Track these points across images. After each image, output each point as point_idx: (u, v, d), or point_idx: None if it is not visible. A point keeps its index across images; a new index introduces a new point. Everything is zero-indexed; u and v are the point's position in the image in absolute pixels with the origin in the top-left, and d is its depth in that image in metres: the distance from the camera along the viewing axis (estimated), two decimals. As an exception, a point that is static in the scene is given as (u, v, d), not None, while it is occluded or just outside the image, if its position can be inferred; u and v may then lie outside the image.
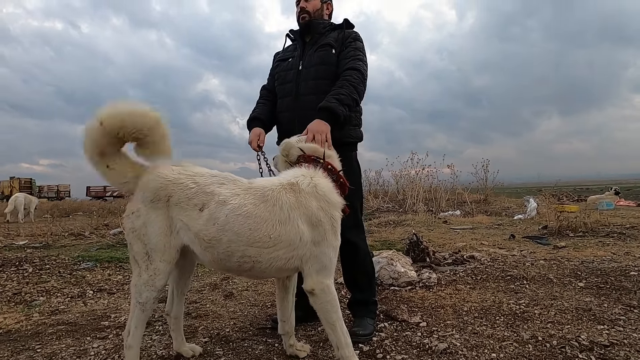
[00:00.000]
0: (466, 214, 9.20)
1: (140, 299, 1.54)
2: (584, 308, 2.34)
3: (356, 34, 2.19)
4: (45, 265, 4.32)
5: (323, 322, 1.65)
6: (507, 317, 2.27)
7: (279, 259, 1.54)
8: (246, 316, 2.48)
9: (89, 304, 2.90)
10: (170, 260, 1.56)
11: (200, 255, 1.56)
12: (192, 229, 1.51)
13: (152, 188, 1.54)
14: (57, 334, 2.24)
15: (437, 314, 2.39)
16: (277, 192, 1.57)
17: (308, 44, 2.23)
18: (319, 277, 1.59)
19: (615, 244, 4.51)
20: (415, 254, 3.81)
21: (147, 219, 1.52)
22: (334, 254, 1.64)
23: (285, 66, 2.26)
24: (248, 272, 1.60)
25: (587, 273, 3.15)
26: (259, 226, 1.50)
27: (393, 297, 2.79)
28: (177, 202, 1.52)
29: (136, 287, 1.55)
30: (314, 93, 2.09)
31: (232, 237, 1.49)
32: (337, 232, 1.65)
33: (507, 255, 4.06)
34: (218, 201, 1.51)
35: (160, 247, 1.52)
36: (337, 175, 1.73)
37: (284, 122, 2.21)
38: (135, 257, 1.56)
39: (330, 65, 2.12)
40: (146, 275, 1.53)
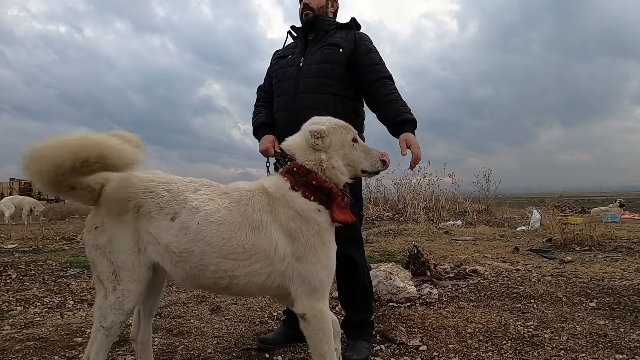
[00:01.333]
0: (468, 224, 9.00)
1: (105, 323, 1.37)
2: (599, 333, 2.15)
3: (367, 36, 2.08)
4: (30, 271, 4.17)
5: (312, 351, 1.46)
6: (514, 341, 2.09)
7: (257, 274, 1.38)
8: (232, 334, 2.30)
9: (66, 316, 2.72)
10: (141, 280, 1.39)
11: (171, 272, 1.40)
12: (162, 241, 1.36)
13: (119, 199, 1.38)
14: (24, 351, 2.06)
15: (439, 335, 2.20)
16: (252, 193, 1.45)
17: (311, 41, 2.08)
18: (311, 301, 1.41)
19: (625, 260, 4.31)
20: (415, 267, 3.62)
21: (113, 234, 1.36)
22: (326, 273, 1.44)
23: (284, 63, 2.10)
24: (227, 290, 1.43)
25: (597, 292, 2.96)
26: (233, 234, 1.36)
27: (391, 314, 2.61)
28: (147, 212, 1.38)
29: (101, 309, 1.38)
30: (313, 91, 1.95)
31: (204, 247, 1.34)
32: (328, 246, 1.46)
33: (512, 270, 3.86)
34: (190, 208, 1.37)
35: (129, 265, 1.36)
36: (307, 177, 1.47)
37: (280, 121, 2.03)
38: (100, 277, 1.38)
39: (334, 64, 1.97)
40: (113, 297, 1.36)
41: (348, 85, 2.01)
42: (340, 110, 1.94)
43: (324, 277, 1.44)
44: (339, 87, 1.97)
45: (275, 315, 2.63)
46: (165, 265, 1.39)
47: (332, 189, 1.47)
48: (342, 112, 1.94)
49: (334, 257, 1.49)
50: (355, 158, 1.54)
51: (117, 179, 1.42)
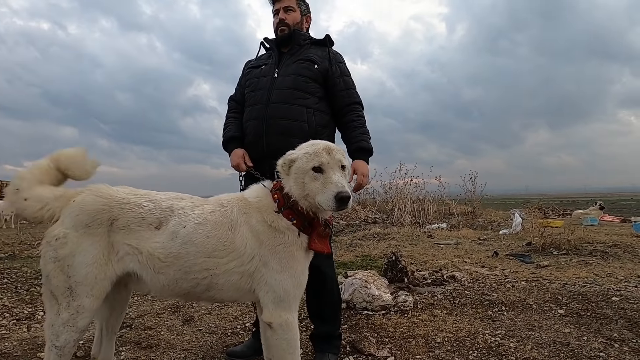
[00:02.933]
0: (452, 227, 9.11)
1: (58, 342, 1.35)
2: (562, 342, 2.19)
3: (341, 55, 2.15)
4: (3, 279, 4.06)
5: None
6: (481, 351, 2.11)
7: (232, 272, 1.43)
8: (201, 346, 2.27)
9: (33, 328, 2.65)
10: (100, 295, 1.38)
11: (150, 281, 1.41)
12: (144, 250, 1.38)
13: (90, 210, 1.38)
14: (-16, 367, 2.01)
15: (408, 345, 2.22)
16: (233, 200, 1.54)
17: (286, 54, 2.09)
18: (277, 310, 1.43)
19: (598, 264, 4.43)
20: (393, 274, 3.64)
21: (76, 247, 1.34)
22: (292, 284, 1.45)
23: (257, 73, 2.11)
24: (206, 293, 1.46)
25: (568, 298, 3.02)
26: (216, 232, 1.42)
27: (364, 323, 2.62)
28: (126, 225, 1.39)
29: (52, 327, 1.35)
30: (286, 102, 1.96)
31: (191, 249, 1.39)
32: (296, 260, 1.46)
33: (489, 275, 3.92)
34: (179, 214, 1.43)
35: (90, 280, 1.35)
36: (294, 202, 1.47)
37: (251, 130, 2.02)
38: (54, 292, 1.36)
39: (308, 79, 2.00)
40: (66, 313, 1.34)
41: (320, 100, 2.05)
42: (313, 122, 1.97)
43: (290, 288, 1.45)
44: (312, 100, 2.01)
45: (248, 325, 2.61)
46: (144, 274, 1.40)
47: (313, 219, 1.49)
48: (314, 125, 1.97)
49: (304, 272, 1.51)
50: (312, 189, 1.42)
51: (90, 191, 1.43)
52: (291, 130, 1.89)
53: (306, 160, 1.44)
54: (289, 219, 1.46)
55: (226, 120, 2.17)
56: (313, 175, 1.42)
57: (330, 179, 1.39)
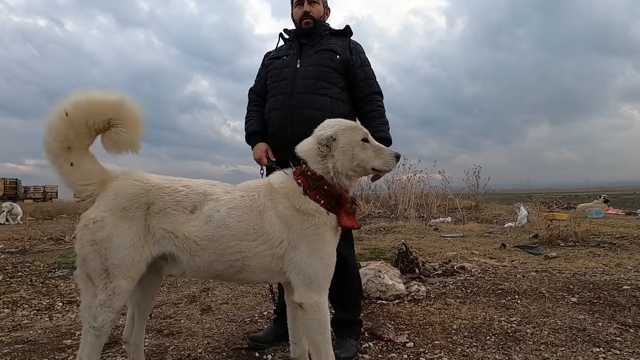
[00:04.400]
0: (457, 221, 9.13)
1: (95, 323, 1.38)
2: (578, 327, 2.23)
3: (361, 46, 2.18)
4: (17, 272, 4.11)
5: (308, 341, 1.54)
6: (498, 336, 2.15)
7: (263, 255, 1.48)
8: (222, 334, 2.32)
9: (55, 318, 2.70)
10: (135, 277, 1.42)
11: (186, 262, 1.46)
12: (180, 234, 1.42)
13: (130, 194, 1.42)
14: (13, 354, 2.05)
15: (425, 332, 2.26)
16: (260, 186, 1.59)
17: (307, 44, 2.13)
18: (308, 292, 1.48)
19: (606, 255, 4.45)
20: (404, 264, 3.68)
21: (113, 230, 1.37)
22: (321, 266, 1.50)
23: (279, 64, 2.14)
24: (239, 274, 1.51)
25: (579, 287, 3.06)
26: (247, 216, 1.47)
27: (380, 312, 2.66)
28: (162, 209, 1.43)
29: (90, 309, 1.38)
30: (310, 92, 2.00)
31: (225, 232, 1.44)
32: (325, 242, 1.51)
33: (498, 266, 3.96)
34: (212, 199, 1.48)
35: (127, 262, 1.38)
36: (320, 182, 1.53)
37: (275, 121, 2.06)
38: (90, 275, 1.39)
39: (331, 69, 2.05)
40: (103, 295, 1.37)
41: (342, 89, 2.10)
42: (336, 112, 2.01)
43: (320, 270, 1.49)
44: (334, 89, 2.05)
45: (266, 314, 2.66)
46: (181, 256, 1.44)
47: (341, 195, 1.54)
48: (337, 114, 2.01)
49: (333, 254, 1.55)
50: (364, 158, 1.55)
51: (128, 175, 1.47)
52: (315, 119, 1.92)
53: (352, 134, 1.56)
54: (316, 200, 1.51)
55: (248, 114, 2.20)
56: (363, 146, 1.56)
57: (379, 145, 1.61)
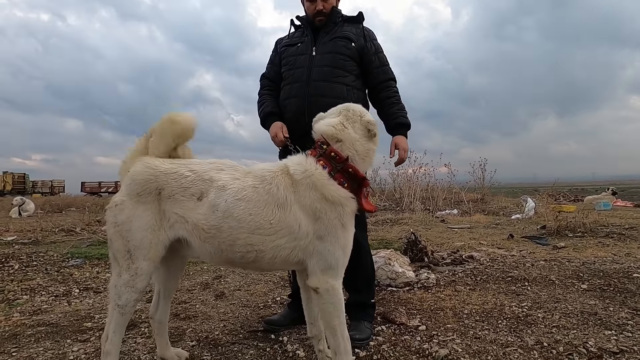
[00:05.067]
0: (463, 213, 9.13)
1: (120, 302, 1.44)
2: (589, 312, 2.25)
3: (373, 32, 2.18)
4: (32, 262, 4.19)
5: (323, 324, 1.56)
6: (509, 320, 2.18)
7: (282, 248, 1.45)
8: (237, 318, 2.37)
9: (73, 303, 2.77)
10: (155, 259, 1.46)
11: (198, 248, 1.46)
12: (190, 220, 1.43)
13: (141, 180, 1.45)
14: (37, 335, 2.12)
15: (437, 316, 2.29)
16: (275, 172, 1.51)
17: (321, 32, 2.12)
18: (325, 277, 1.49)
19: (616, 245, 4.44)
20: (414, 253, 3.71)
21: (131, 213, 1.43)
22: (342, 253, 1.52)
23: (294, 51, 2.14)
24: (253, 264, 1.50)
25: (589, 275, 3.07)
26: (259, 210, 1.42)
27: (391, 298, 2.69)
28: (171, 195, 1.44)
29: (115, 288, 1.45)
30: (327, 80, 2.01)
31: (233, 224, 1.41)
32: (347, 228, 1.52)
33: (507, 256, 3.97)
34: (218, 187, 1.44)
35: (146, 244, 1.42)
36: (344, 164, 1.51)
37: (292, 108, 2.07)
38: (116, 255, 1.46)
39: (347, 57, 2.06)
40: (127, 275, 1.43)
41: (357, 77, 2.11)
42: (352, 99, 2.03)
43: (340, 256, 1.51)
44: (350, 77, 2.07)
45: (279, 300, 2.71)
46: (193, 242, 1.45)
47: (364, 178, 1.55)
48: (353, 102, 2.02)
49: (351, 240, 1.57)
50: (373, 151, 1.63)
51: (141, 162, 1.51)
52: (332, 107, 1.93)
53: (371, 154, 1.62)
54: (341, 184, 1.49)
55: (261, 98, 2.20)
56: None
57: None
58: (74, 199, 17.89)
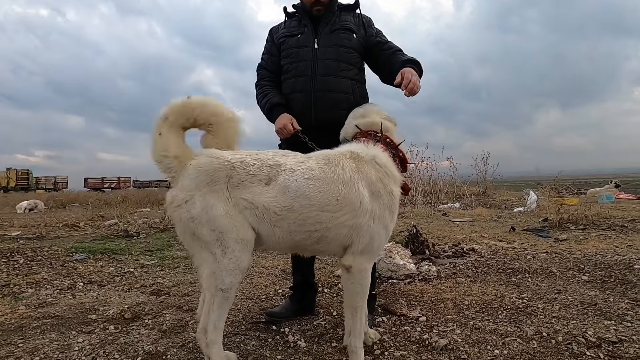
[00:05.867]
0: (465, 206, 9.13)
1: (224, 285, 1.43)
2: (589, 302, 2.26)
3: (370, 17, 2.16)
4: (37, 256, 4.23)
5: (346, 304, 1.60)
6: (509, 311, 2.19)
7: (343, 226, 1.49)
8: (239, 310, 2.40)
9: (77, 296, 2.80)
10: (247, 238, 1.45)
11: (266, 234, 1.47)
12: (260, 204, 1.44)
13: (209, 170, 1.46)
14: (42, 327, 2.15)
15: (437, 308, 2.31)
16: (339, 156, 1.57)
17: (321, 22, 2.06)
18: (362, 258, 1.54)
19: (617, 237, 4.43)
20: (415, 246, 3.72)
21: (205, 203, 1.42)
22: (386, 236, 1.57)
23: (295, 42, 2.06)
24: (315, 245, 1.53)
25: (590, 266, 3.07)
26: (327, 187, 1.47)
27: (392, 290, 2.71)
28: (240, 182, 1.45)
29: (215, 274, 1.42)
30: (333, 74, 1.98)
31: (304, 202, 1.45)
32: (395, 212, 1.58)
33: (508, 248, 3.98)
34: (286, 169, 1.48)
35: (231, 227, 1.42)
36: (397, 149, 1.66)
37: (297, 104, 2.02)
38: (207, 246, 1.43)
39: (351, 50, 2.03)
40: (226, 259, 1.42)
41: (360, 69, 2.10)
42: (357, 94, 2.03)
43: (383, 239, 1.58)
44: (354, 71, 2.05)
45: (280, 292, 2.73)
46: (261, 228, 1.46)
47: (409, 163, 1.70)
48: (358, 96, 2.02)
49: (395, 220, 1.62)
50: None
51: (204, 153, 1.51)
52: (339, 102, 1.92)
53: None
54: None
55: (261, 89, 2.11)
56: None
57: None
58: (77, 195, 18.01)
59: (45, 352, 1.83)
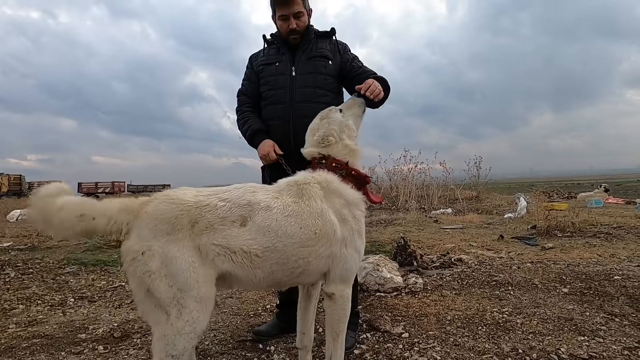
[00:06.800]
0: (458, 212, 9.23)
1: (175, 351, 1.27)
2: (566, 317, 2.34)
3: (345, 44, 2.23)
4: (28, 269, 4.24)
5: (328, 329, 1.62)
6: (489, 327, 2.26)
7: (320, 257, 1.50)
8: (227, 327, 2.44)
9: (68, 313, 2.83)
10: (207, 297, 1.33)
11: (246, 278, 1.40)
12: (237, 248, 1.36)
13: (168, 218, 1.32)
14: (32, 348, 2.18)
15: (420, 323, 2.37)
16: (310, 185, 1.56)
17: (298, 50, 2.12)
18: (342, 285, 1.57)
19: (602, 245, 4.54)
20: (403, 257, 3.79)
21: (165, 256, 1.28)
22: (359, 258, 1.61)
23: (273, 70, 2.13)
24: (296, 279, 1.53)
25: (572, 277, 3.16)
26: (306, 222, 1.46)
27: (378, 304, 2.77)
28: (209, 226, 1.34)
29: (166, 338, 1.27)
30: (310, 101, 2.04)
31: (286, 240, 1.42)
32: (362, 233, 1.60)
33: (495, 258, 4.06)
34: (262, 208, 1.42)
35: (192, 283, 1.29)
36: (347, 169, 1.64)
37: (277, 130, 2.08)
38: (160, 304, 1.29)
39: (327, 76, 2.11)
40: (181, 322, 1.27)
41: (338, 94, 2.18)
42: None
43: (356, 263, 1.61)
44: (331, 96, 2.11)
45: (269, 307, 2.78)
46: (239, 272, 1.38)
47: (366, 176, 1.67)
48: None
49: (364, 242, 1.64)
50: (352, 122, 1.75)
51: (159, 200, 1.37)
52: None
53: (358, 109, 1.80)
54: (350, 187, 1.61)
55: (242, 115, 2.18)
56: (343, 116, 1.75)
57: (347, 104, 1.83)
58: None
59: (34, 375, 1.87)
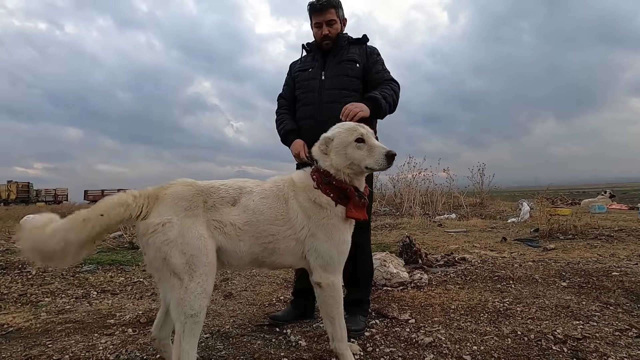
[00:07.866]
0: (461, 217, 9.35)
1: (193, 310, 1.51)
2: (563, 305, 2.48)
3: (376, 48, 2.42)
4: (48, 267, 4.42)
5: (323, 314, 1.80)
6: (490, 314, 2.41)
7: (289, 239, 1.73)
8: (245, 314, 2.61)
9: (93, 303, 3.01)
10: (213, 262, 1.60)
11: (234, 248, 1.66)
12: (227, 222, 1.65)
13: (188, 196, 1.63)
14: (66, 331, 2.36)
15: (426, 311, 2.52)
16: (285, 180, 1.85)
17: (329, 55, 2.37)
18: (325, 273, 1.75)
19: (603, 246, 4.65)
20: (408, 255, 3.94)
21: (182, 227, 1.55)
22: (336, 252, 1.75)
23: (306, 76, 2.40)
24: (270, 256, 1.74)
25: (571, 273, 3.29)
26: (275, 204, 1.74)
27: (385, 296, 2.93)
28: (213, 205, 1.66)
29: (183, 300, 1.50)
30: (336, 101, 2.23)
31: (260, 217, 1.70)
32: (340, 229, 1.75)
33: (497, 257, 4.20)
34: (247, 192, 1.75)
35: (203, 250, 1.56)
36: (330, 178, 1.76)
37: (307, 130, 2.30)
38: (175, 270, 1.52)
39: (353, 78, 2.30)
40: (194, 284, 1.52)
41: (363, 95, 2.35)
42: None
43: (334, 254, 1.76)
44: (356, 97, 2.29)
45: (282, 298, 2.95)
46: (228, 244, 1.65)
47: (348, 189, 1.76)
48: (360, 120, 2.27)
49: (346, 241, 1.80)
50: (357, 157, 1.73)
51: (178, 184, 1.69)
52: None
53: (346, 135, 1.76)
54: (327, 194, 1.76)
55: (279, 116, 2.46)
56: (357, 146, 1.74)
57: (375, 144, 1.74)
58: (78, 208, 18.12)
59: (74, 352, 2.05)
